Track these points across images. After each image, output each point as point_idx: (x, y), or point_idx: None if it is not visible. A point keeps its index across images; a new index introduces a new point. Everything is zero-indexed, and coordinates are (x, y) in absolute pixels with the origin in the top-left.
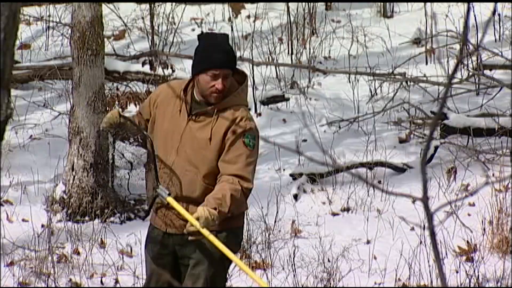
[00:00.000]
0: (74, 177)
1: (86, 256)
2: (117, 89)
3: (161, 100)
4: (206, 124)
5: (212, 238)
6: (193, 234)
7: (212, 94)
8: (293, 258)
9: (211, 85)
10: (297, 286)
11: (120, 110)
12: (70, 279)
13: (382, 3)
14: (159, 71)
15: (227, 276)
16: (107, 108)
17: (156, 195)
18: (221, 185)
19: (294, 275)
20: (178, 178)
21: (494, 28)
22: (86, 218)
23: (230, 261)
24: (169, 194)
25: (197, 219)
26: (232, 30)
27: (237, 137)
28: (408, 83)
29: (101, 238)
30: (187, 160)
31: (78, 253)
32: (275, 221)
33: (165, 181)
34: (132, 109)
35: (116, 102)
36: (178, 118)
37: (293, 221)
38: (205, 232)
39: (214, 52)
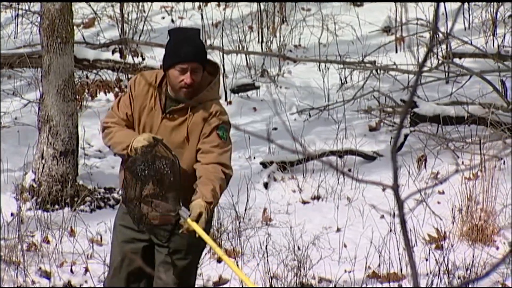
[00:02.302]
0: (43, 165)
1: (56, 245)
2: (87, 77)
3: (138, 93)
4: (181, 122)
5: (206, 237)
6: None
7: (182, 89)
8: (266, 246)
9: (180, 80)
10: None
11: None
12: (40, 268)
13: None
14: (129, 59)
15: (199, 264)
16: (77, 96)
17: (178, 218)
18: (207, 175)
19: (264, 263)
20: None
21: (464, 16)
22: (56, 206)
23: (203, 250)
24: (189, 215)
25: (200, 214)
26: (202, 18)
27: (211, 130)
28: (378, 71)
29: (71, 227)
30: None
31: (48, 242)
32: (245, 209)
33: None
34: (101, 97)
35: (86, 90)
36: (153, 114)
37: (265, 209)
38: (202, 233)
39: (183, 47)
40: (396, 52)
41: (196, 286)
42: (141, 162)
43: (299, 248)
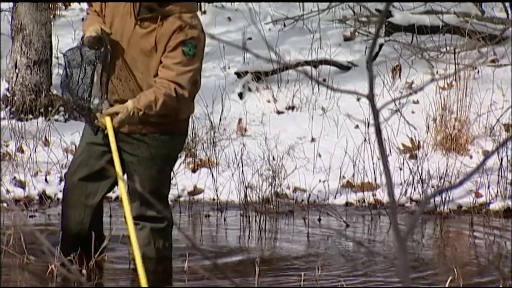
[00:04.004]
0: (17, 74)
1: (30, 154)
2: None
3: (110, 4)
4: (151, 31)
5: (112, 139)
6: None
7: None
8: (241, 156)
9: None
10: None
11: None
12: (15, 177)
13: None
14: None
15: (172, 173)
16: (50, 5)
17: (88, 106)
18: (157, 88)
19: (239, 174)
20: (124, 82)
21: None
22: (30, 116)
23: (174, 161)
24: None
25: (117, 113)
26: None
27: (177, 45)
28: None
29: (45, 136)
30: (134, 65)
31: (22, 151)
32: (220, 120)
33: (116, 85)
34: (75, 6)
35: None
36: (127, 20)
37: (240, 120)
38: (110, 131)
39: None
40: None
41: (170, 195)
42: (76, 49)
43: (274, 158)
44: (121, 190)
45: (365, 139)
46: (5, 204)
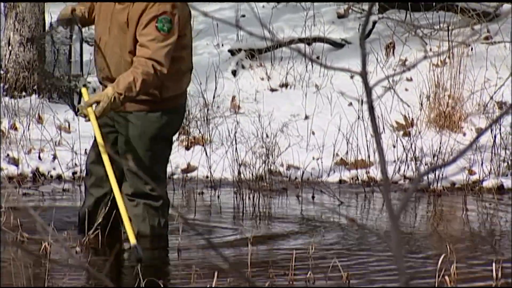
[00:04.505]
0: (10, 52)
1: (24, 132)
2: None
3: None
4: (125, 7)
5: (96, 127)
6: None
7: None
8: (234, 133)
9: None
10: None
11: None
12: (8, 155)
13: None
14: None
15: (166, 153)
16: None
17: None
18: (134, 67)
19: (233, 151)
20: (109, 58)
21: None
22: (23, 93)
23: (167, 140)
24: (84, 85)
25: (98, 102)
26: None
27: (149, 21)
28: None
29: (39, 114)
30: (116, 41)
31: (16, 129)
32: (213, 97)
33: (102, 63)
34: None
35: None
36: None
37: (233, 97)
38: (93, 121)
39: None
40: None
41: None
42: (47, 32)
43: (267, 136)
44: (105, 164)
45: (358, 116)
46: None
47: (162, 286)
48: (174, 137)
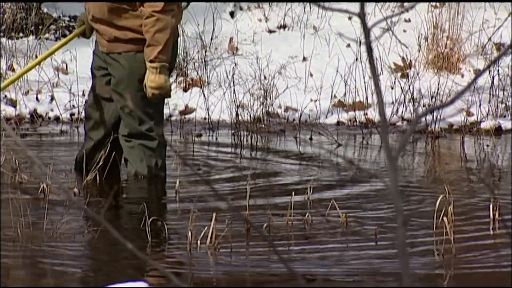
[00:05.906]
0: None
1: None
2: None
3: None
4: None
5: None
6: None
7: None
8: (232, 75)
9: None
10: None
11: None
12: (6, 96)
13: None
14: None
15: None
16: None
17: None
18: (146, 32)
19: (231, 93)
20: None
21: None
22: (21, 34)
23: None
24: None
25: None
26: None
27: None
28: None
29: (36, 55)
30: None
31: (13, 70)
32: (211, 39)
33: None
34: None
35: None
36: None
37: (231, 39)
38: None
39: None
40: None
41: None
42: None
43: (265, 78)
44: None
45: (356, 58)
46: None
47: (164, 224)
48: (171, 79)
